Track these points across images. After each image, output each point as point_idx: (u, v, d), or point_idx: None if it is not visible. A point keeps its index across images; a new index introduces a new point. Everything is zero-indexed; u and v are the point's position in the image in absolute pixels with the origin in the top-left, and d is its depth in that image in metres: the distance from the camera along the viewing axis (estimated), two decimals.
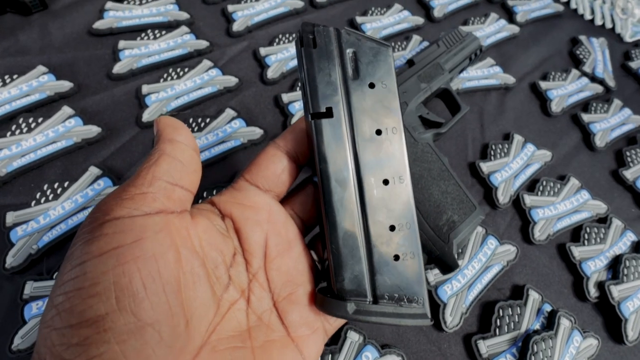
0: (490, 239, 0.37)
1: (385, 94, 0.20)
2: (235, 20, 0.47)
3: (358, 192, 0.19)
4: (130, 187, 0.17)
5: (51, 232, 0.32)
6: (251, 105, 0.42)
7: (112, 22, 0.44)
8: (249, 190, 0.20)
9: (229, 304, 0.18)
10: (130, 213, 0.16)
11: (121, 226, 0.15)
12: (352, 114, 0.19)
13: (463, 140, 0.44)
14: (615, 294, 0.35)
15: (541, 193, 0.41)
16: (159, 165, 0.17)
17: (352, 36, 0.20)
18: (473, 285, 0.34)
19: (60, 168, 0.36)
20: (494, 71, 0.49)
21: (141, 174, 0.17)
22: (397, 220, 0.19)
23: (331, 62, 0.19)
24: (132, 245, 0.15)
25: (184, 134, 0.19)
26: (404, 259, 0.19)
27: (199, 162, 0.19)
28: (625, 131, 0.48)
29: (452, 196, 0.33)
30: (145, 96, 0.40)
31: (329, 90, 0.19)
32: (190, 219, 0.18)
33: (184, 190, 0.18)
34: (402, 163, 0.20)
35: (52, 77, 0.40)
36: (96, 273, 0.14)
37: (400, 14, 0.52)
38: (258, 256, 0.20)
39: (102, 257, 0.15)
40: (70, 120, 0.37)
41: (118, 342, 0.14)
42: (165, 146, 0.18)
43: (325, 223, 0.19)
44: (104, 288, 0.14)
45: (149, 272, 0.15)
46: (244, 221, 0.20)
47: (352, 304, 0.19)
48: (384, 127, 0.20)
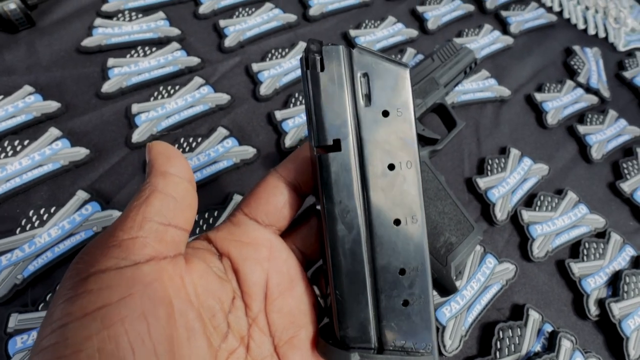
0: (488, 257, 0.36)
1: (401, 123, 0.18)
2: (227, 35, 0.47)
3: (366, 234, 0.18)
4: (117, 231, 0.16)
5: (37, 260, 0.31)
6: (244, 123, 0.41)
7: (101, 39, 0.44)
8: (247, 225, 0.19)
9: (227, 354, 0.17)
10: (117, 264, 0.15)
11: (107, 280, 0.14)
12: (362, 147, 0.18)
13: (459, 155, 0.43)
14: (616, 312, 0.35)
15: (539, 208, 0.40)
16: (150, 205, 0.16)
17: (364, 56, 0.18)
18: (472, 306, 0.34)
19: (46, 192, 0.35)
20: (489, 84, 0.49)
21: (130, 216, 0.16)
22: (407, 263, 0.18)
23: (340, 87, 0.18)
24: (119, 303, 0.14)
25: (178, 165, 0.18)
26: (414, 304, 0.18)
27: (195, 196, 0.18)
28: (621, 142, 0.48)
29: (449, 216, 0.33)
30: (135, 115, 0.39)
31: (338, 120, 0.18)
32: (185, 264, 0.17)
33: (178, 230, 0.17)
34: (416, 201, 0.18)
35: (39, 98, 0.39)
36: (78, 339, 0.13)
37: (394, 27, 0.52)
38: (258, 298, 0.19)
39: (86, 319, 0.14)
40: (57, 143, 0.37)
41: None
42: (157, 181, 0.17)
43: (329, 266, 0.18)
44: (88, 356, 0.13)
45: (138, 333, 0.14)
46: (242, 261, 0.19)
47: (356, 355, 0.18)
48: (397, 161, 0.18)
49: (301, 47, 0.47)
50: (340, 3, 0.53)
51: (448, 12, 0.55)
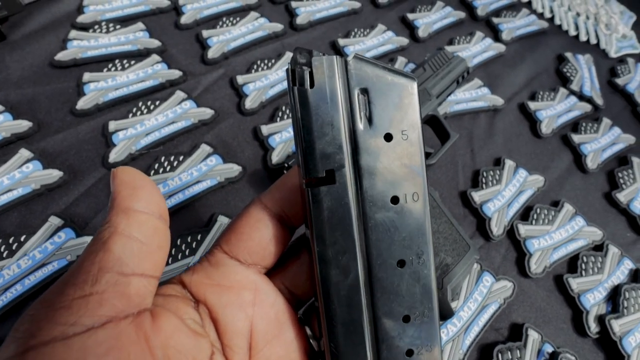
0: (485, 275, 0.36)
1: (407, 148, 0.15)
2: (210, 46, 0.46)
3: (365, 278, 0.16)
4: (67, 287, 0.13)
5: (5, 295, 0.30)
6: (228, 138, 0.40)
7: (77, 53, 0.42)
8: (227, 266, 0.17)
9: None
10: (64, 332, 0.12)
11: (51, 355, 0.12)
12: (361, 178, 0.15)
13: (453, 168, 0.43)
14: (616, 329, 0.35)
15: (535, 222, 0.40)
16: (109, 251, 0.14)
17: (363, 67, 0.15)
18: (470, 327, 0.33)
19: (16, 219, 0.33)
20: (482, 92, 0.49)
21: (84, 266, 0.14)
22: (412, 308, 0.16)
23: (334, 107, 0.15)
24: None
25: (145, 197, 0.15)
26: (419, 353, 0.17)
27: (167, 234, 0.16)
28: (616, 151, 0.48)
29: (444, 236, 0.32)
30: (113, 134, 0.38)
31: (331, 148, 0.15)
32: (151, 322, 0.14)
33: (143, 278, 0.14)
34: (423, 240, 0.16)
35: (9, 117, 0.37)
36: None
37: (384, 35, 0.52)
38: (241, 352, 0.16)
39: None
40: (28, 165, 0.35)
41: None
42: (119, 220, 0.14)
43: (323, 317, 0.16)
44: None
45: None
46: (222, 308, 0.16)
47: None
48: (402, 193, 0.16)
49: (288, 58, 0.46)
50: (328, 11, 0.52)
51: (439, 19, 0.55)
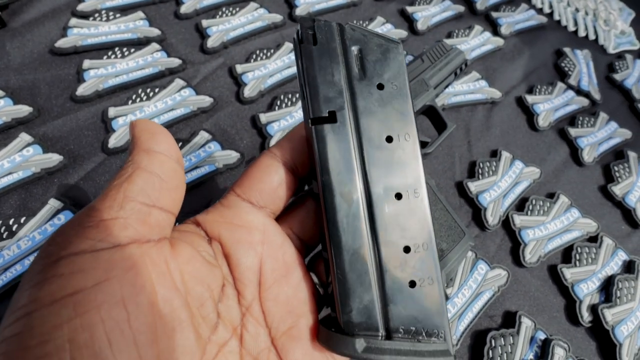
0: (480, 263, 0.37)
1: (396, 96, 0.18)
2: (209, 35, 0.47)
3: (366, 208, 0.18)
4: (95, 211, 0.14)
5: (5, 274, 0.31)
6: (227, 126, 0.41)
7: (77, 40, 0.43)
8: (240, 207, 0.18)
9: (218, 347, 0.16)
10: (93, 246, 0.13)
11: (81, 264, 0.13)
12: (358, 119, 0.18)
13: (450, 159, 0.44)
14: (609, 318, 0.36)
15: (531, 212, 0.41)
16: (133, 183, 0.15)
17: (357, 32, 0.18)
18: (464, 314, 0.34)
19: (16, 201, 0.34)
20: (479, 85, 0.50)
21: (110, 194, 0.15)
22: (412, 240, 0.18)
23: (334, 60, 0.18)
24: (94, 288, 0.13)
25: (164, 142, 0.17)
26: (421, 285, 0.18)
27: (183, 176, 0.17)
28: (612, 145, 0.49)
29: (439, 222, 0.33)
30: (112, 120, 0.39)
31: (332, 92, 0.18)
32: (170, 249, 0.16)
33: (163, 212, 0.16)
34: (417, 174, 0.18)
35: (9, 102, 0.38)
36: (46, 327, 0.12)
37: (383, 27, 0.53)
38: (252, 285, 0.18)
39: (55, 305, 0.12)
40: (28, 149, 0.36)
41: None
42: (141, 158, 0.16)
43: (329, 244, 0.17)
44: (56, 347, 0.12)
45: (116, 322, 0.13)
46: (234, 244, 0.18)
47: (362, 340, 0.17)
48: (395, 133, 0.18)
49: (288, 48, 0.47)
50: (327, 3, 0.53)
51: (438, 12, 0.56)
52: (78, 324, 0.12)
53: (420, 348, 0.17)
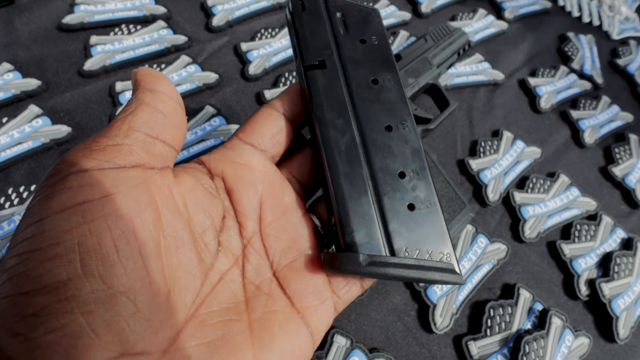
0: (480, 237, 0.38)
1: (378, 47, 0.21)
2: (215, 14, 0.47)
3: (360, 139, 0.19)
4: (101, 137, 0.15)
5: None
6: (232, 102, 0.42)
7: (84, 17, 0.44)
8: (242, 149, 0.19)
9: (220, 274, 0.17)
10: (100, 165, 0.14)
11: (89, 179, 0.14)
12: (345, 65, 0.20)
13: (452, 138, 0.45)
14: (606, 292, 0.37)
15: (531, 190, 0.42)
16: (137, 115, 0.16)
17: (339, 1, 0.22)
18: (463, 285, 0.35)
19: (27, 170, 0.35)
20: (482, 67, 0.51)
21: (115, 125, 0.16)
22: (406, 166, 0.19)
23: (320, 20, 0.21)
24: (101, 200, 0.14)
25: (165, 85, 0.18)
26: (420, 208, 0.18)
27: (184, 117, 0.18)
28: (613, 128, 0.50)
29: (440, 194, 0.34)
30: (119, 94, 0.40)
31: (321, 45, 0.21)
32: (173, 177, 0.17)
33: (165, 145, 0.17)
34: (403, 109, 0.20)
35: (18, 75, 0.39)
36: (57, 232, 0.13)
37: (387, 9, 0.53)
38: (252, 219, 0.18)
39: (65, 212, 0.13)
40: (37, 120, 0.37)
41: (83, 312, 0.12)
42: (145, 95, 0.17)
43: (327, 172, 0.18)
44: (66, 249, 0.13)
45: (122, 232, 0.14)
46: (236, 180, 0.19)
47: (366, 256, 0.17)
48: (380, 77, 0.21)
49: None
50: None
51: None
52: (86, 229, 0.13)
53: (426, 264, 0.17)
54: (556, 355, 0.33)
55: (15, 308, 0.12)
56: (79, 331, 0.12)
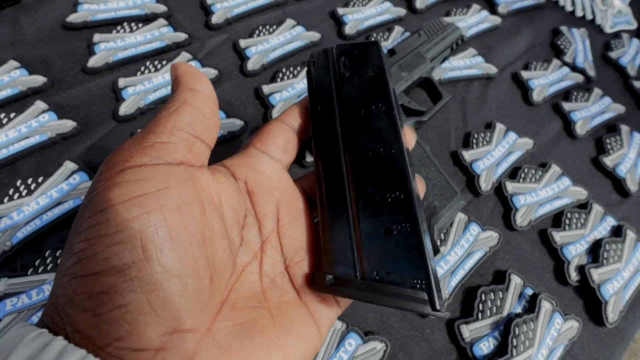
0: (472, 225, 0.38)
1: (374, 79, 0.24)
2: (214, 12, 0.48)
3: (346, 168, 0.21)
4: (150, 134, 0.16)
5: (25, 228, 0.33)
6: (231, 97, 0.43)
7: (87, 16, 0.45)
8: (260, 157, 0.21)
9: (242, 266, 0.19)
10: (152, 161, 0.16)
11: (144, 173, 0.15)
12: (341, 104, 0.23)
13: (446, 130, 0.46)
14: (595, 277, 0.38)
15: (523, 180, 0.43)
16: (181, 115, 0.17)
17: (341, 47, 0.26)
18: (456, 271, 0.36)
19: (34, 164, 0.36)
20: (476, 61, 0.51)
21: (161, 122, 0.17)
22: (387, 190, 0.20)
23: (325, 71, 0.25)
24: (157, 193, 0.15)
25: (204, 84, 0.19)
26: (397, 233, 0.18)
27: (219, 116, 0.20)
28: (605, 119, 0.50)
29: (432, 182, 0.35)
30: (122, 90, 0.41)
31: (324, 92, 0.24)
32: (211, 175, 0.18)
33: (203, 144, 0.18)
34: (392, 134, 0.21)
35: (25, 72, 0.40)
36: (120, 220, 0.14)
37: (382, 5, 0.54)
38: (270, 218, 0.20)
39: (126, 203, 0.14)
40: (43, 115, 0.38)
41: (145, 291, 0.14)
42: (187, 95, 0.18)
43: (318, 199, 0.21)
44: (130, 236, 0.14)
45: (176, 222, 0.15)
46: (257, 184, 0.20)
47: (332, 277, 0.18)
48: (373, 106, 0.22)
49: (289, 24, 0.49)
50: None
51: None
52: (146, 219, 0.15)
53: (393, 290, 0.17)
54: (546, 338, 0.34)
55: (85, 287, 0.14)
56: (141, 308, 0.14)
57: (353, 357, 0.31)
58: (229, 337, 0.16)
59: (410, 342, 0.33)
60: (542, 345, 0.33)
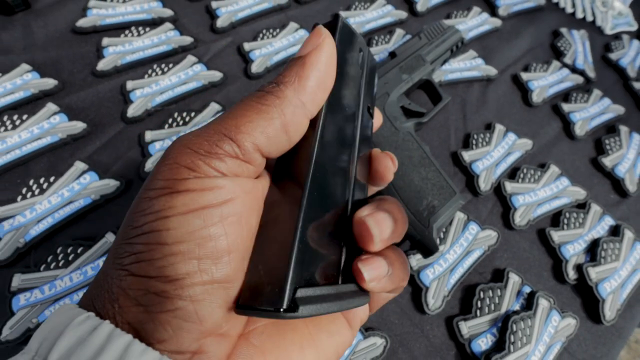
0: (471, 224, 0.39)
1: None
2: (219, 16, 0.50)
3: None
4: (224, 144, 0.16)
5: (37, 226, 0.34)
6: (236, 99, 0.44)
7: (96, 20, 0.46)
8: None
9: None
10: (219, 169, 0.16)
11: (209, 184, 0.15)
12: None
13: (446, 131, 0.46)
14: (593, 276, 0.38)
15: (522, 180, 0.44)
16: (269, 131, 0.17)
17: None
18: (455, 269, 0.37)
19: (45, 164, 0.38)
20: (476, 63, 0.52)
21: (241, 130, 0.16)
22: None
23: None
24: (221, 205, 0.15)
25: (315, 105, 0.19)
26: None
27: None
28: (604, 120, 0.51)
29: (432, 182, 0.36)
30: (130, 92, 0.42)
31: None
32: (268, 181, 0.18)
33: (265, 159, 0.18)
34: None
35: (36, 75, 0.42)
36: (181, 232, 0.15)
37: (383, 9, 0.55)
38: None
39: (189, 215, 0.15)
40: (55, 117, 0.39)
41: (194, 301, 0.14)
42: (286, 114, 0.17)
43: None
44: (188, 249, 0.14)
45: (235, 236, 0.15)
46: None
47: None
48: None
49: (292, 28, 0.50)
50: None
51: None
52: (207, 233, 0.15)
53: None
54: (543, 335, 0.35)
55: (141, 284, 0.15)
56: (187, 316, 0.14)
57: (354, 351, 0.32)
58: (262, 337, 0.17)
59: (409, 338, 0.34)
60: (540, 341, 0.34)
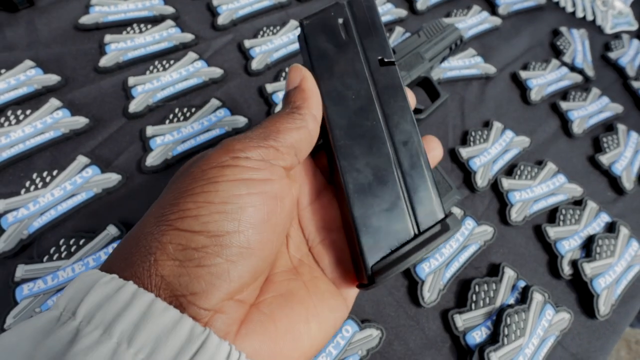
0: (468, 219, 0.40)
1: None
2: (220, 13, 0.50)
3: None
4: (270, 140, 0.19)
5: (41, 218, 0.35)
6: (236, 95, 0.45)
7: (98, 17, 0.47)
8: None
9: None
10: (264, 157, 0.18)
11: (255, 164, 0.18)
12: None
13: (444, 128, 0.47)
14: (587, 271, 0.39)
15: (519, 177, 0.44)
16: (299, 135, 0.20)
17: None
18: (451, 263, 0.38)
19: (49, 158, 0.39)
20: (475, 61, 0.53)
21: (281, 133, 0.19)
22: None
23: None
24: (263, 181, 0.17)
25: (320, 112, 0.21)
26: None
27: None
28: (602, 119, 0.51)
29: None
30: (132, 88, 0.43)
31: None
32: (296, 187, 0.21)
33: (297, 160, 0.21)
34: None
35: (40, 71, 0.43)
36: (228, 194, 0.16)
37: (383, 7, 0.56)
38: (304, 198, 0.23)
39: (236, 182, 0.17)
40: (58, 112, 0.40)
41: (228, 260, 0.16)
42: (309, 122, 0.21)
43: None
44: (232, 209, 0.16)
45: (271, 209, 0.17)
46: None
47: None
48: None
49: (292, 25, 0.51)
50: None
51: None
52: (249, 200, 0.17)
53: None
54: (537, 328, 0.35)
55: (181, 239, 0.16)
56: (220, 273, 0.16)
57: (350, 342, 0.33)
58: (272, 306, 0.18)
59: (405, 330, 0.35)
60: (533, 335, 0.35)
